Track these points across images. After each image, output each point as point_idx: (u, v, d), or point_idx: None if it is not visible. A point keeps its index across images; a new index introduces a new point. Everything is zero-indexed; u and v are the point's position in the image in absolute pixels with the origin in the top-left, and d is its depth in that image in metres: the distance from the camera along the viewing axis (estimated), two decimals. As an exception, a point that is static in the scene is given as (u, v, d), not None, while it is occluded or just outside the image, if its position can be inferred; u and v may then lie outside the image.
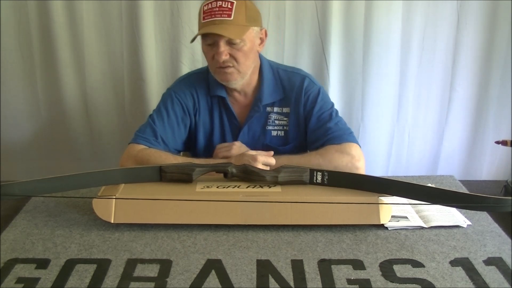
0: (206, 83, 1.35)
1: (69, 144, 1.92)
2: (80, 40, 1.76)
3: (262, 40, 1.29)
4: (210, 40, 1.21)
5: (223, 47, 1.20)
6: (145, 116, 1.34)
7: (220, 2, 1.18)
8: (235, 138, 1.35)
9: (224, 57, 1.21)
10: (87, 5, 1.72)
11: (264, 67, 1.34)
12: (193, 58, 1.77)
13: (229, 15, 1.18)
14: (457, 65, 1.80)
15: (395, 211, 1.05)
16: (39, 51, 1.78)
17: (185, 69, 1.77)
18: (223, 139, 1.36)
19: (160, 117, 1.31)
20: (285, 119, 1.35)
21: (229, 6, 1.18)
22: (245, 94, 1.35)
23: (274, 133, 1.36)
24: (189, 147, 1.40)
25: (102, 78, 1.83)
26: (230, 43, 1.20)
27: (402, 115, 1.88)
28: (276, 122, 1.35)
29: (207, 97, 1.35)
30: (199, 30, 1.23)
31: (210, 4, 1.19)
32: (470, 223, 1.04)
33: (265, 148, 1.32)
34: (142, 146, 1.26)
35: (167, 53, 1.79)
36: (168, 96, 1.34)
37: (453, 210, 1.08)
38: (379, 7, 1.71)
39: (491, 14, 1.73)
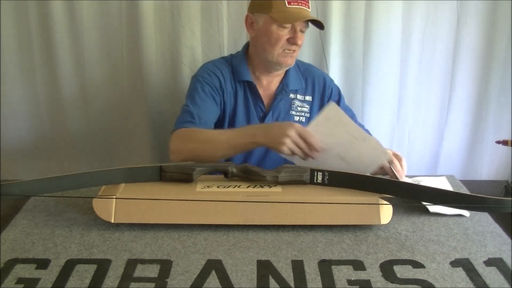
0: (229, 69, 1.39)
1: (69, 144, 1.91)
2: (80, 40, 1.76)
3: None
4: (296, 24, 1.27)
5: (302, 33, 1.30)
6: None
7: None
8: (261, 122, 1.39)
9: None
10: (87, 5, 1.72)
11: None
12: (193, 58, 1.77)
13: (308, 6, 1.29)
14: (457, 65, 1.80)
15: None
16: (39, 51, 1.78)
17: (185, 69, 1.76)
18: (248, 124, 1.38)
19: (193, 102, 1.32)
20: (306, 106, 1.43)
21: None
22: (273, 79, 1.40)
23: (296, 118, 1.41)
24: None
25: (102, 78, 1.82)
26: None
27: (402, 115, 1.87)
28: (299, 108, 1.42)
29: (231, 82, 1.38)
30: (277, 12, 1.26)
31: None
32: None
33: None
34: (189, 128, 1.24)
35: (167, 53, 1.78)
36: (196, 81, 1.37)
37: None
38: (379, 7, 1.71)
39: (491, 13, 1.72)
